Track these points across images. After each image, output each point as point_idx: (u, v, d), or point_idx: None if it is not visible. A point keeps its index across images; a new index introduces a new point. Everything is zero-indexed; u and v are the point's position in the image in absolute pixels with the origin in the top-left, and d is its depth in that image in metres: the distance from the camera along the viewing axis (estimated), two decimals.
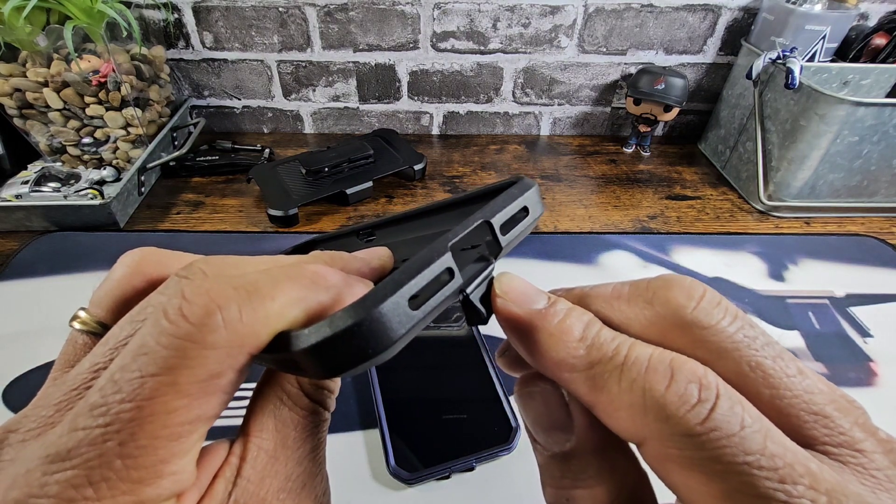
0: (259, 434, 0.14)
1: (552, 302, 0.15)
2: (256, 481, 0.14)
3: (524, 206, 0.16)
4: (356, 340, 0.12)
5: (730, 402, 0.11)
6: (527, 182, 0.17)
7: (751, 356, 0.12)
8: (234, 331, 0.12)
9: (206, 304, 0.12)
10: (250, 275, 0.13)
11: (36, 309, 0.49)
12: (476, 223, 0.15)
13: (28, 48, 0.57)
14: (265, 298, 0.12)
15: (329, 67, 0.77)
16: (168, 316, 0.12)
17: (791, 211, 0.65)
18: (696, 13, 0.72)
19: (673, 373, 0.12)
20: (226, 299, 0.12)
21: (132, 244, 0.57)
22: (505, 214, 0.16)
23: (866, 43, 0.67)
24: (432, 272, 0.13)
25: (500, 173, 0.73)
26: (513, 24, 0.73)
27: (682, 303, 0.13)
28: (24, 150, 0.65)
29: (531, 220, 0.16)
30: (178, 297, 0.12)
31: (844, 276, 0.55)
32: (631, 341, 0.13)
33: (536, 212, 0.17)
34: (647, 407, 0.12)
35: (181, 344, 0.11)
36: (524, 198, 0.16)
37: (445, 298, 0.14)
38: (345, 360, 0.12)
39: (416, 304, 0.13)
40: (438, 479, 0.35)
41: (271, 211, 0.60)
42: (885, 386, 0.43)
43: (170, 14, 0.71)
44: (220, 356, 0.12)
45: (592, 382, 0.13)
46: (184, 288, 0.12)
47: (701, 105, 0.82)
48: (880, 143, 0.58)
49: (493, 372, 0.42)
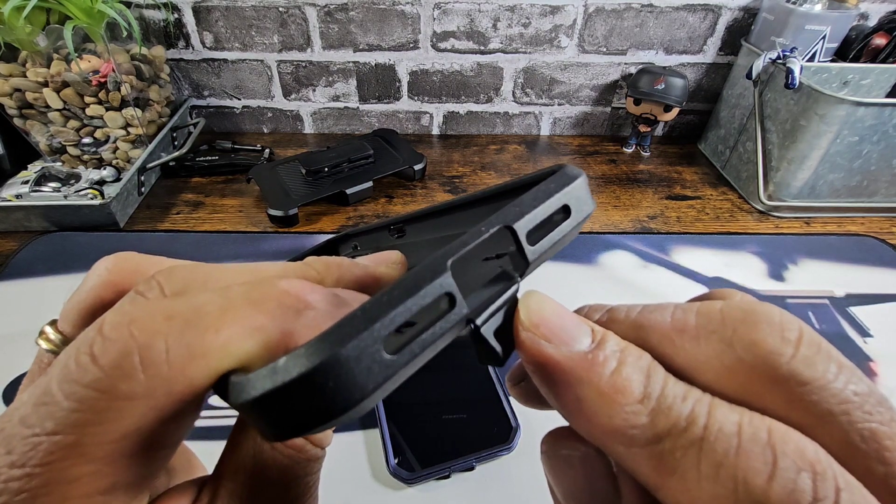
0: (233, 477, 0.12)
1: (599, 341, 0.11)
2: None
3: (564, 205, 0.12)
4: (310, 396, 0.09)
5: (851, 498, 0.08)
6: (570, 171, 0.12)
7: (864, 422, 0.09)
8: (156, 375, 0.09)
9: (123, 342, 0.09)
10: (198, 298, 0.10)
11: (36, 309, 0.49)
12: (493, 230, 0.11)
13: (28, 48, 0.57)
14: (207, 330, 0.10)
15: (329, 67, 0.77)
16: (77, 357, 0.09)
17: (791, 211, 0.65)
18: (696, 13, 0.72)
19: (776, 456, 0.09)
20: (150, 335, 0.10)
21: (132, 244, 0.57)
22: (535, 217, 0.11)
23: (866, 43, 0.67)
24: (424, 298, 0.10)
25: (500, 173, 0.74)
26: (513, 24, 0.73)
27: (775, 348, 0.10)
28: (24, 150, 0.65)
29: (573, 222, 0.12)
30: (95, 331, 0.10)
31: (844, 276, 0.55)
32: (709, 401, 0.10)
33: (583, 210, 0.12)
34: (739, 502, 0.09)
35: (86, 394, 0.09)
36: (564, 193, 0.12)
37: (442, 335, 0.10)
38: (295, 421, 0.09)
39: (397, 345, 0.09)
40: (438, 479, 0.35)
41: (271, 211, 0.60)
42: (885, 386, 0.43)
43: (170, 14, 0.71)
44: (136, 408, 0.09)
45: (659, 461, 0.09)
46: (104, 320, 0.10)
47: (701, 105, 0.82)
48: (880, 143, 0.58)
49: (493, 371, 0.42)
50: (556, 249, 0.12)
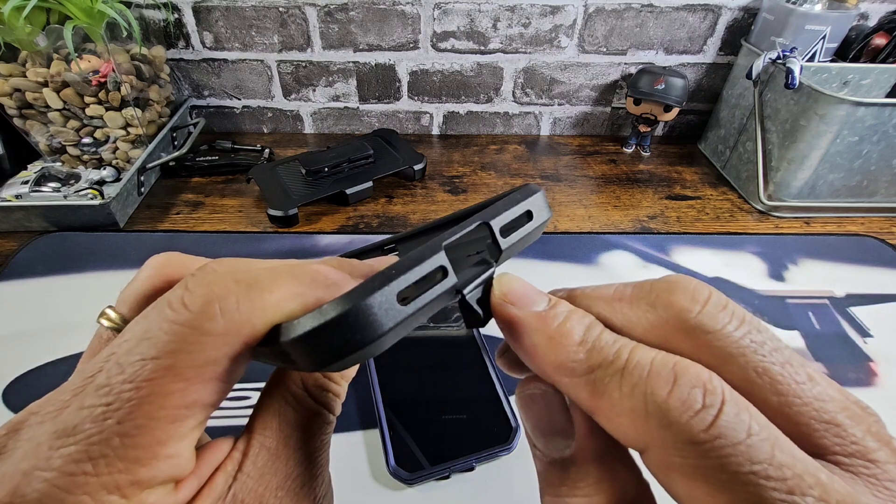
0: (262, 432, 0.14)
1: (553, 304, 0.14)
2: (256, 477, 0.14)
3: (527, 210, 0.16)
4: (343, 331, 0.12)
5: (736, 408, 0.11)
6: (532, 187, 0.17)
7: (758, 362, 0.12)
8: (231, 320, 0.12)
9: (205, 294, 0.12)
10: (253, 270, 0.14)
11: (36, 309, 0.49)
12: (474, 224, 0.15)
13: (28, 48, 0.57)
14: (263, 291, 0.13)
15: (329, 67, 0.77)
16: (171, 305, 0.12)
17: (791, 211, 0.65)
18: (696, 13, 0.72)
19: (676, 377, 0.11)
20: (225, 290, 0.13)
21: (132, 244, 0.57)
22: (505, 217, 0.15)
23: (866, 43, 0.67)
24: (424, 269, 0.13)
25: (500, 173, 0.74)
26: (513, 24, 0.73)
27: (685, 306, 0.13)
28: (24, 150, 0.65)
29: (535, 224, 0.16)
30: (182, 289, 0.13)
31: (844, 276, 0.55)
32: (633, 345, 0.13)
33: (541, 216, 0.16)
34: (648, 413, 0.11)
35: (180, 330, 0.12)
36: (527, 202, 0.16)
37: (437, 297, 0.13)
38: (332, 351, 0.12)
39: (405, 300, 0.13)
40: (438, 479, 0.35)
41: (271, 211, 0.60)
42: (885, 386, 0.43)
43: (170, 14, 0.71)
44: (216, 343, 0.12)
45: (593, 387, 0.12)
46: (188, 281, 0.13)
47: (701, 105, 0.82)
48: (880, 143, 0.58)
49: (493, 372, 0.42)
50: (524, 244, 0.16)
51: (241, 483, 0.14)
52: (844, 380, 0.44)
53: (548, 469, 0.14)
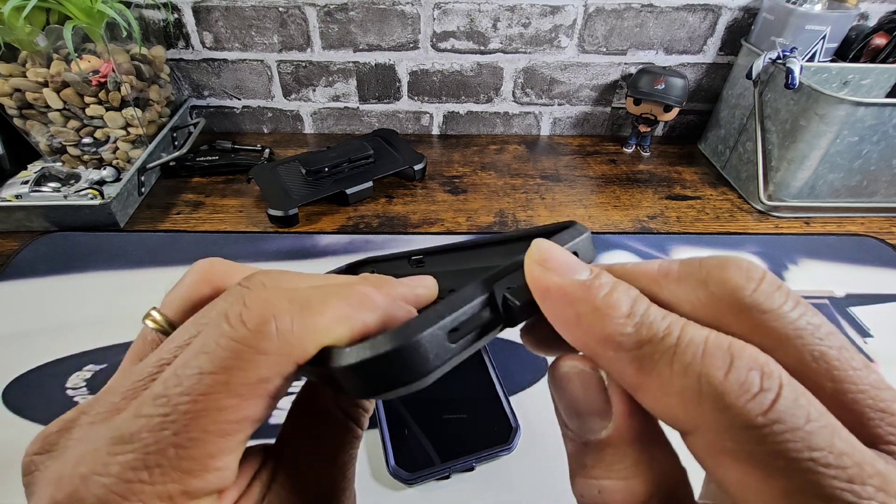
0: (294, 446, 0.15)
1: (596, 274, 0.13)
2: (289, 488, 0.14)
3: (574, 252, 0.15)
4: (393, 366, 0.12)
5: (794, 393, 0.10)
6: (580, 228, 0.16)
7: (815, 345, 0.11)
8: (285, 340, 0.13)
9: (262, 313, 0.13)
10: (304, 290, 0.14)
11: (36, 309, 0.49)
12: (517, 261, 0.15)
13: (28, 48, 0.57)
14: (315, 313, 0.13)
15: (329, 67, 0.77)
16: (229, 320, 0.13)
17: (791, 211, 0.65)
18: (696, 13, 0.72)
19: (733, 358, 0.11)
20: (280, 310, 0.13)
21: (132, 244, 0.57)
22: None
23: (866, 43, 0.67)
24: (473, 308, 0.13)
25: (500, 173, 0.74)
26: (513, 24, 0.73)
27: (740, 283, 0.12)
28: (24, 150, 0.65)
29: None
30: (240, 304, 0.13)
31: (844, 276, 0.55)
32: (684, 321, 0.12)
33: (586, 258, 0.16)
34: (702, 393, 0.11)
35: (237, 347, 0.12)
36: (574, 243, 0.16)
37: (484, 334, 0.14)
38: (380, 383, 0.13)
39: (454, 338, 0.13)
40: (438, 479, 0.35)
41: (271, 211, 0.60)
42: None
43: (170, 14, 0.71)
44: (270, 362, 0.12)
45: (640, 364, 0.12)
46: (245, 296, 0.13)
47: (701, 105, 0.82)
48: (880, 143, 0.58)
49: (493, 372, 0.42)
50: None
51: (275, 493, 0.14)
52: None
53: (581, 450, 0.14)
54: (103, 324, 0.47)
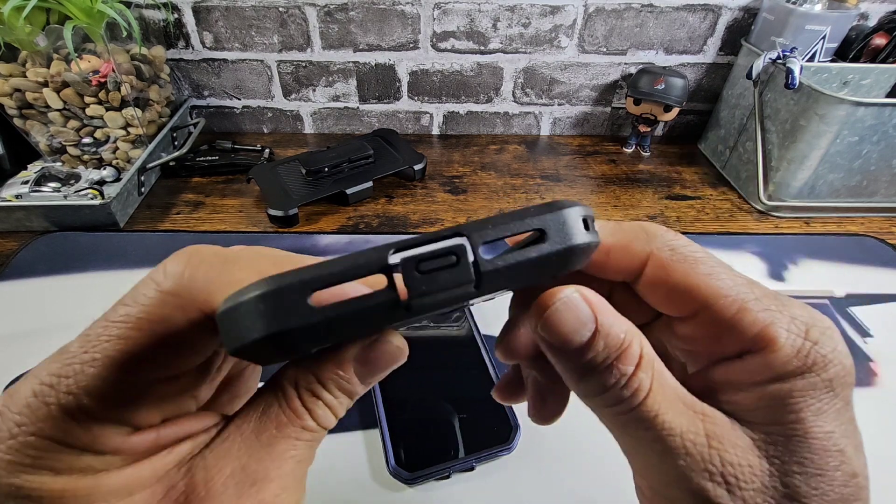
0: (243, 418, 0.15)
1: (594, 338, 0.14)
2: (216, 457, 0.14)
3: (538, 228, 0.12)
4: (250, 317, 0.11)
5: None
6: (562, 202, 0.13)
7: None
8: (192, 285, 0.14)
9: (185, 259, 0.14)
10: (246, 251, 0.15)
11: (36, 309, 0.49)
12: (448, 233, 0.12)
13: (28, 48, 0.57)
14: (234, 268, 0.14)
15: (329, 67, 0.77)
16: (158, 268, 0.14)
17: (791, 211, 0.65)
18: (696, 13, 0.72)
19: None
20: (200, 260, 0.14)
21: (132, 244, 0.57)
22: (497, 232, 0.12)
23: (866, 43, 0.67)
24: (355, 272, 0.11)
25: (500, 173, 0.74)
26: (513, 24, 0.73)
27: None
28: (24, 150, 0.65)
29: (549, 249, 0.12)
30: (172, 256, 0.14)
31: (844, 276, 0.55)
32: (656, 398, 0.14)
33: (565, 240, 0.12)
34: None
35: (151, 286, 0.14)
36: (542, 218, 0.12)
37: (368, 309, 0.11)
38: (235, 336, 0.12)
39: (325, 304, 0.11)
40: (438, 479, 0.35)
41: (271, 211, 0.60)
42: (885, 386, 0.43)
43: (170, 14, 0.71)
44: (174, 303, 0.13)
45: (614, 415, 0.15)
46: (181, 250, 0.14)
47: (701, 105, 0.82)
48: (880, 143, 0.58)
49: (493, 372, 0.42)
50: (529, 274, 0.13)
51: (201, 459, 0.14)
52: None
53: None
54: None
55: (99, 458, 0.13)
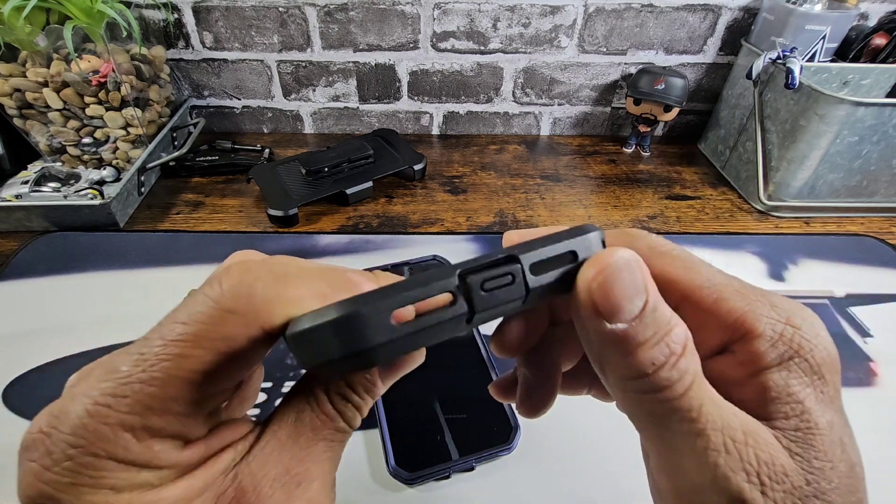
0: (277, 423, 0.15)
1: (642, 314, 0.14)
2: (260, 463, 0.15)
3: (571, 250, 0.14)
4: (331, 337, 0.12)
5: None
6: (587, 227, 0.15)
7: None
8: (253, 303, 0.14)
9: (240, 278, 0.14)
10: (291, 265, 0.15)
11: (36, 309, 0.49)
12: (501, 255, 0.14)
13: (28, 48, 0.57)
14: (290, 285, 0.14)
15: (329, 67, 0.77)
16: (211, 282, 0.14)
17: (791, 211, 0.65)
18: (696, 13, 0.72)
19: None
20: (256, 277, 0.14)
21: (132, 244, 0.57)
22: (541, 254, 0.14)
23: (866, 43, 0.67)
24: (429, 291, 0.13)
25: (500, 173, 0.74)
26: (513, 24, 0.73)
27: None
28: (24, 150, 0.65)
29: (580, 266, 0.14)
30: (225, 270, 0.15)
31: (844, 276, 0.55)
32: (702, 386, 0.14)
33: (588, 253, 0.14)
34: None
35: (210, 304, 0.14)
36: (574, 241, 0.14)
37: (440, 323, 0.13)
38: (318, 353, 0.13)
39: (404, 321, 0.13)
40: (438, 479, 0.35)
41: (271, 211, 0.60)
42: (885, 386, 0.43)
43: (170, 14, 0.71)
44: (236, 321, 0.14)
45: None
46: (231, 265, 0.15)
47: (701, 105, 0.82)
48: (880, 143, 0.58)
49: (493, 372, 0.42)
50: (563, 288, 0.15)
51: (245, 465, 0.14)
52: (844, 380, 0.44)
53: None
54: (103, 324, 0.47)
55: (156, 473, 0.13)
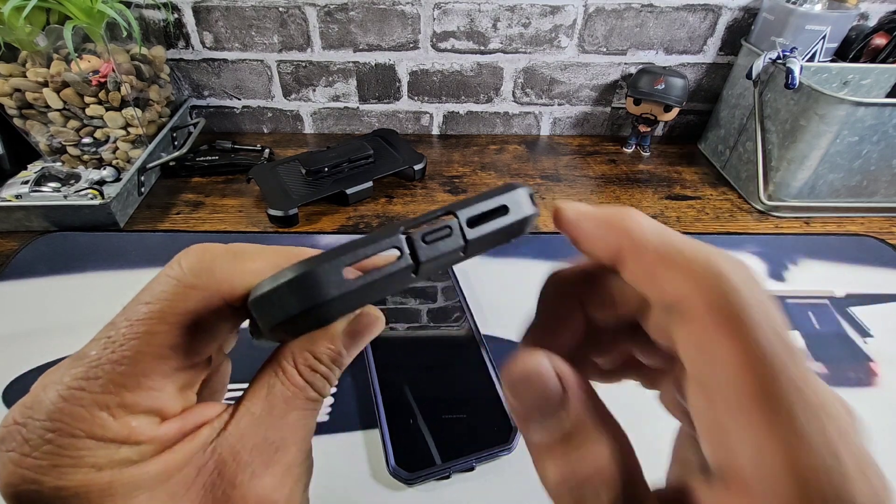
0: (250, 399, 0.16)
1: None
2: (237, 436, 0.15)
3: (502, 205, 0.16)
4: (288, 296, 0.13)
5: None
6: (514, 184, 0.17)
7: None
8: (212, 278, 0.15)
9: (197, 256, 0.15)
10: (248, 245, 0.16)
11: (36, 309, 0.49)
12: (441, 211, 0.15)
13: (28, 48, 0.57)
14: (246, 259, 0.16)
15: (329, 67, 0.77)
16: (171, 263, 0.15)
17: (791, 211, 0.65)
18: (696, 13, 0.72)
19: None
20: (214, 254, 0.15)
21: (132, 244, 0.57)
22: (476, 209, 0.15)
23: (866, 43, 0.67)
24: (377, 248, 0.14)
25: (500, 173, 0.73)
26: (513, 24, 0.73)
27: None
28: (24, 150, 0.65)
29: (511, 219, 0.16)
30: (183, 252, 0.15)
31: (844, 276, 0.55)
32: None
33: (520, 212, 0.16)
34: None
35: (171, 282, 0.15)
36: (503, 196, 0.16)
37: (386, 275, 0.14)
38: (277, 315, 0.14)
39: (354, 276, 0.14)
40: (438, 479, 0.35)
41: (271, 211, 0.60)
42: (885, 386, 0.43)
43: (170, 14, 0.71)
44: (198, 295, 0.15)
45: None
46: (190, 247, 0.16)
47: (701, 105, 0.82)
48: (880, 143, 0.58)
49: (493, 372, 0.42)
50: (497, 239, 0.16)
51: (223, 439, 0.15)
52: (844, 380, 0.44)
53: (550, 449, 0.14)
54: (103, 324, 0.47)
55: (135, 449, 0.14)
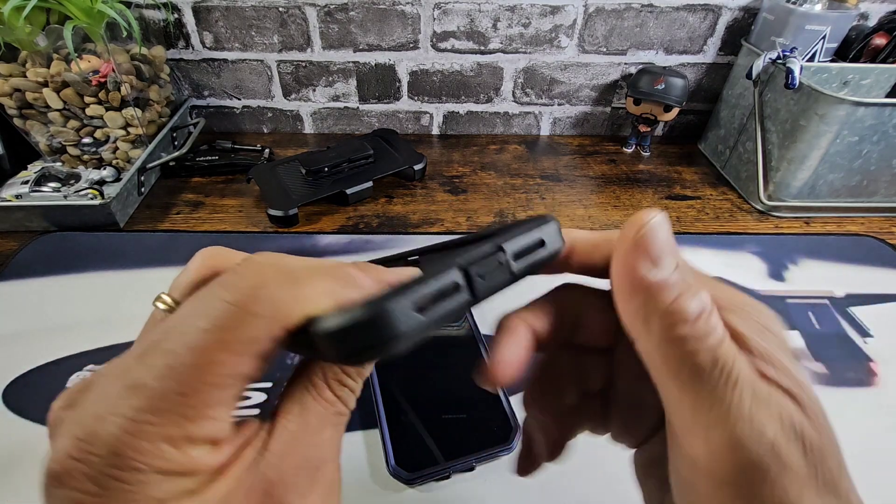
0: (286, 416, 0.16)
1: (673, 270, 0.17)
2: (279, 455, 0.15)
3: (540, 239, 0.18)
4: (365, 331, 0.14)
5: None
6: (547, 217, 0.18)
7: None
8: (274, 305, 0.14)
9: (255, 280, 0.15)
10: (295, 265, 0.16)
11: (36, 309, 0.49)
12: (489, 245, 0.17)
13: (28, 48, 0.57)
14: (303, 284, 0.15)
15: (329, 67, 0.77)
16: (225, 286, 0.15)
17: (791, 211, 0.65)
18: (696, 13, 0.72)
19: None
20: (271, 279, 0.15)
21: (132, 244, 0.57)
22: (519, 242, 0.17)
23: (866, 43, 0.67)
24: (439, 284, 0.15)
25: (500, 173, 0.74)
26: (513, 24, 0.73)
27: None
28: (24, 150, 0.65)
29: (547, 252, 0.18)
30: (235, 274, 0.15)
31: (844, 276, 0.55)
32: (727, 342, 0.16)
33: (554, 245, 0.18)
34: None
35: (232, 308, 0.14)
36: (541, 230, 0.18)
37: (450, 309, 0.15)
38: (353, 347, 0.14)
39: (422, 310, 0.15)
40: (438, 479, 0.35)
41: (271, 211, 0.60)
42: (885, 386, 0.43)
43: (170, 14, 0.71)
44: (260, 323, 0.14)
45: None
46: (240, 267, 0.15)
47: (701, 105, 0.82)
48: (880, 143, 0.58)
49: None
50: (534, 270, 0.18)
51: (265, 459, 0.15)
52: (844, 380, 0.44)
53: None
54: (103, 324, 0.47)
55: (194, 479, 0.14)
